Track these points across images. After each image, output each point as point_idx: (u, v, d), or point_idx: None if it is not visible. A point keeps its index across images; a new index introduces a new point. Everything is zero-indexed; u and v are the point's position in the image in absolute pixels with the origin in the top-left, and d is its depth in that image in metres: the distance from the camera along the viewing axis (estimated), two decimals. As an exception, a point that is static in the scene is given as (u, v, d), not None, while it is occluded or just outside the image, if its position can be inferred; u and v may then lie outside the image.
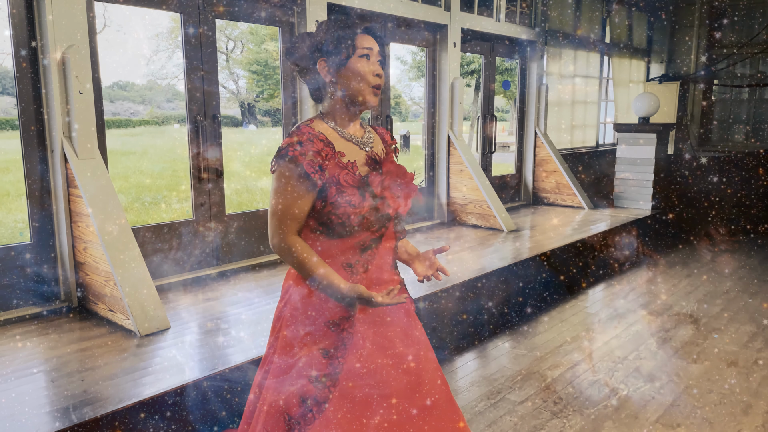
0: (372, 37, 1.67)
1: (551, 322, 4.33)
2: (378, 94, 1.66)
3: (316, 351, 1.58)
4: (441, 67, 6.13)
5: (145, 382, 2.64)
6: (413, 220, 6.19)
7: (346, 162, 1.60)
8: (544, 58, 7.49)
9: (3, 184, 9.86)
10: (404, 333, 1.70)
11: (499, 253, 5.13)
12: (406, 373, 1.64)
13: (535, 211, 7.27)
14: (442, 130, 6.22)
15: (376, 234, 1.63)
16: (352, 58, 1.62)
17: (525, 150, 7.69)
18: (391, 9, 5.33)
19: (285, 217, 1.57)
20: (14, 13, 3.38)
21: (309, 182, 1.54)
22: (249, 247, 4.64)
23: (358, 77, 1.62)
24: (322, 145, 1.57)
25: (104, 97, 4.00)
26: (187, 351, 3.00)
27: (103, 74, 3.88)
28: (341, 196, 1.56)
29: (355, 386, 1.57)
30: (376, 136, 1.77)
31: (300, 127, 1.59)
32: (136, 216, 8.31)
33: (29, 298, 3.54)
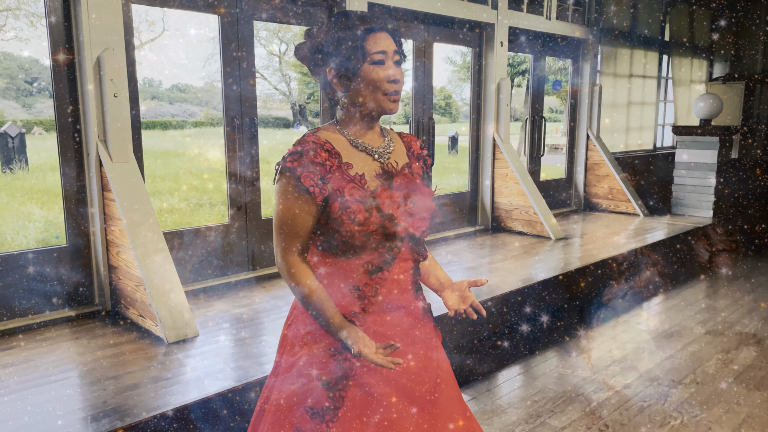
0: (386, 33, 1.45)
1: (599, 338, 4.06)
2: (397, 101, 1.46)
3: (317, 381, 1.44)
4: (487, 67, 5.92)
5: (166, 393, 2.57)
6: (454, 226, 5.99)
7: (354, 174, 1.43)
8: (597, 58, 7.15)
9: (46, 186, 10.18)
10: (424, 367, 1.52)
11: (546, 263, 4.88)
12: (421, 415, 1.47)
13: (585, 217, 6.94)
14: (487, 133, 6.00)
15: (386, 255, 1.46)
16: (363, 66, 1.42)
17: (576, 153, 7.37)
18: (434, 8, 5.16)
19: (284, 233, 1.44)
20: (51, 17, 3.38)
21: (308, 196, 1.39)
22: (285, 252, 4.55)
23: (371, 87, 1.43)
24: (327, 155, 1.42)
25: (164, 99, 4.01)
26: (213, 361, 2.92)
27: (162, 77, 3.88)
28: (345, 211, 1.40)
29: (357, 420, 1.42)
30: (400, 146, 1.58)
31: (305, 136, 1.45)
32: (180, 218, 8.41)
33: (64, 301, 3.55)
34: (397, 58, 1.47)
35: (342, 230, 1.41)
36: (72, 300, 3.57)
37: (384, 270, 1.46)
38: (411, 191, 1.46)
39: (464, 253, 5.19)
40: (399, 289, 1.50)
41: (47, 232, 7.09)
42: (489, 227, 6.13)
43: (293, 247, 1.44)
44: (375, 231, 1.41)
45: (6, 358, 2.94)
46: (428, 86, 5.56)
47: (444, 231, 5.84)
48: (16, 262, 3.40)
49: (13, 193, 9.48)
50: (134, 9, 3.72)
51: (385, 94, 1.44)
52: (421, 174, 1.57)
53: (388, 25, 1.47)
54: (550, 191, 7.12)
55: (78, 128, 3.53)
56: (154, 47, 26.38)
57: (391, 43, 1.45)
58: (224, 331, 3.32)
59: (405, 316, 1.52)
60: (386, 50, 1.43)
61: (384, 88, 1.43)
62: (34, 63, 26.61)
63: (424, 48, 5.46)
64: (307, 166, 1.39)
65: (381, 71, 1.43)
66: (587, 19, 6.96)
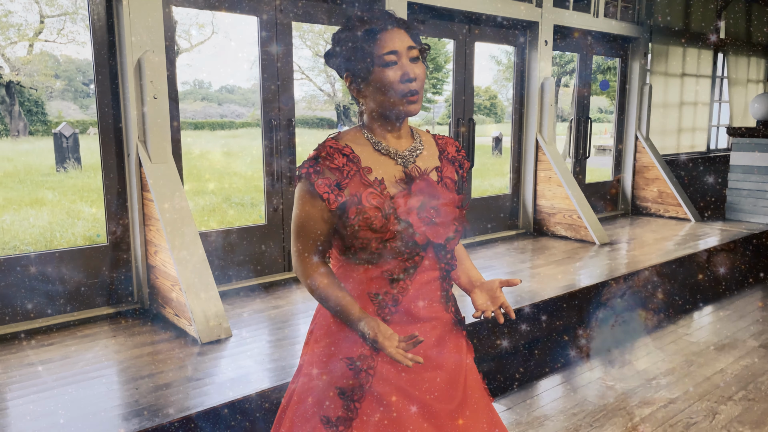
0: (398, 29, 1.37)
1: (645, 350, 3.89)
2: (416, 100, 1.38)
3: (333, 390, 1.40)
4: (530, 67, 5.77)
5: (197, 394, 2.57)
6: (494, 229, 5.86)
7: (372, 179, 1.37)
8: (647, 56, 6.89)
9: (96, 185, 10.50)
10: (450, 384, 1.44)
11: (589, 269, 4.72)
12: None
13: (633, 222, 6.70)
14: (529, 134, 5.85)
15: (407, 264, 1.39)
16: (374, 69, 1.36)
17: (624, 155, 7.12)
18: (477, 6, 5.06)
19: (300, 238, 1.40)
20: (95, 19, 3.45)
21: (322, 203, 1.35)
22: (321, 253, 4.54)
23: (385, 91, 1.36)
24: (345, 160, 1.36)
25: (213, 100, 4.05)
26: (244, 363, 2.91)
27: (212, 78, 3.93)
28: (362, 217, 1.34)
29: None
30: (432, 149, 1.50)
31: (326, 140, 1.41)
32: (221, 217, 8.53)
33: (103, 299, 3.61)
34: (414, 54, 1.38)
35: (360, 236, 1.36)
36: (111, 298, 3.64)
37: (405, 279, 1.40)
38: (433, 197, 1.38)
39: (503, 257, 5.07)
40: (425, 300, 1.43)
41: (94, 230, 7.30)
42: (530, 231, 5.98)
43: (309, 251, 1.41)
44: (393, 238, 1.35)
45: (46, 354, 3.00)
46: (469, 86, 5.46)
47: (483, 234, 5.73)
48: (59, 261, 3.49)
49: (65, 192, 9.83)
50: (175, 11, 3.77)
51: (402, 96, 1.36)
52: (454, 178, 1.50)
53: (399, 20, 1.38)
54: (596, 194, 6.90)
55: (119, 129, 3.59)
56: (204, 49, 26.98)
57: (404, 39, 1.37)
58: (258, 332, 3.32)
59: (432, 328, 1.45)
60: (397, 49, 1.35)
61: (398, 89, 1.36)
62: (90, 65, 27.63)
63: (465, 47, 5.36)
64: (322, 173, 1.35)
65: (393, 73, 1.35)
66: (637, 17, 6.72)
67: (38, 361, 2.91)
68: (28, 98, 22.68)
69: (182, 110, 17.37)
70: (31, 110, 22.96)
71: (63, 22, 21.21)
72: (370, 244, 1.36)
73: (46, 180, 11.01)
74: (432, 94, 26.26)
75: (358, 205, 1.35)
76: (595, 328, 4.18)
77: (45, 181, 10.93)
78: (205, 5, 3.87)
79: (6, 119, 21.77)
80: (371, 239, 1.35)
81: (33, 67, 21.94)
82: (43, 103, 23.30)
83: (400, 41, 1.36)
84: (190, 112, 29.05)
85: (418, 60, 1.38)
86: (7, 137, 21.05)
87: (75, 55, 26.94)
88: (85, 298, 3.55)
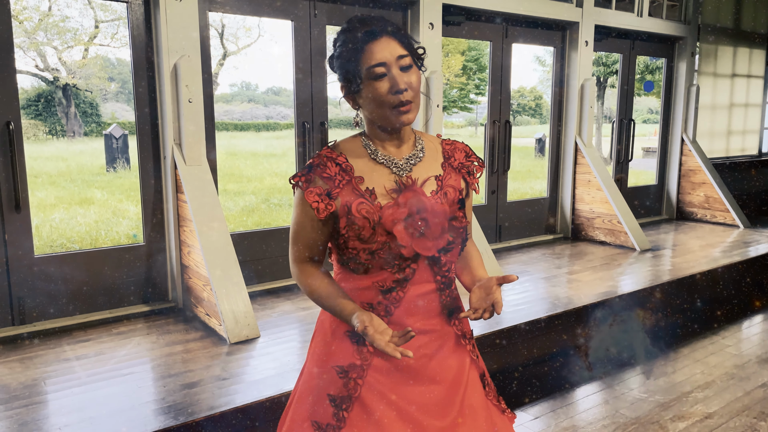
0: (387, 37, 1.32)
1: (684, 361, 3.75)
2: (409, 109, 1.32)
3: (325, 396, 1.40)
4: (570, 68, 5.65)
5: (222, 394, 2.61)
6: (530, 234, 5.76)
7: (364, 189, 1.35)
8: (695, 56, 6.66)
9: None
10: (445, 399, 1.40)
11: (627, 276, 4.59)
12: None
13: (678, 227, 6.48)
14: (568, 136, 5.73)
15: (397, 276, 1.36)
16: (364, 83, 1.32)
17: (669, 158, 6.89)
18: (514, 7, 4.98)
19: (296, 244, 1.42)
20: (134, 25, 3.55)
21: (312, 212, 1.35)
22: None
23: (376, 103, 1.33)
24: (338, 169, 1.35)
25: (259, 102, 4.12)
26: (270, 364, 2.95)
27: (259, 80, 4.02)
28: (351, 227, 1.33)
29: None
30: (436, 155, 1.45)
31: (323, 149, 1.41)
32: (259, 218, 8.66)
33: (139, 297, 3.71)
34: (405, 62, 1.33)
35: (349, 246, 1.36)
36: (147, 296, 3.74)
37: (398, 290, 1.37)
38: (422, 209, 1.33)
39: (539, 263, 4.97)
40: (421, 312, 1.40)
41: (137, 229, 7.53)
42: (568, 235, 5.85)
43: (303, 256, 1.42)
44: (380, 249, 1.33)
45: (82, 350, 3.11)
46: (506, 88, 5.38)
47: (519, 238, 5.64)
48: (100, 259, 3.60)
49: (112, 191, 10.17)
50: (212, 17, 3.84)
51: (393, 108, 1.32)
52: (458, 187, 1.44)
53: (388, 27, 1.33)
54: (640, 199, 6.70)
55: (156, 132, 3.68)
56: (250, 52, 27.48)
57: (394, 47, 1.32)
58: (285, 333, 3.35)
59: (430, 341, 1.41)
60: (386, 60, 1.31)
61: (389, 101, 1.32)
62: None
63: (501, 49, 5.29)
64: (314, 181, 1.35)
65: (382, 85, 1.31)
66: (683, 16, 6.49)
67: (74, 356, 3.02)
68: (84, 100, 23.54)
69: (229, 111, 17.73)
70: (86, 112, 23.84)
71: (117, 26, 21.93)
72: (359, 254, 1.35)
73: (95, 179, 11.41)
74: (475, 95, 26.04)
75: (348, 215, 1.34)
76: (631, 337, 4.06)
77: (95, 180, 11.33)
78: (240, 10, 3.93)
79: (63, 120, 22.69)
80: (359, 250, 1.34)
81: (88, 70, 22.78)
82: (97, 105, 24.15)
83: (389, 51, 1.32)
84: (237, 114, 29.61)
85: (410, 68, 1.34)
86: (63, 138, 21.95)
87: (128, 58, 27.90)
88: (122, 296, 3.66)
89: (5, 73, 3.20)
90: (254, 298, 3.90)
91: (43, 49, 21.47)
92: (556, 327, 3.70)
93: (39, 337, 3.26)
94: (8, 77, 3.21)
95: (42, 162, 13.61)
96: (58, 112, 22.69)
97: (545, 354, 3.68)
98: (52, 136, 22.22)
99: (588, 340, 3.89)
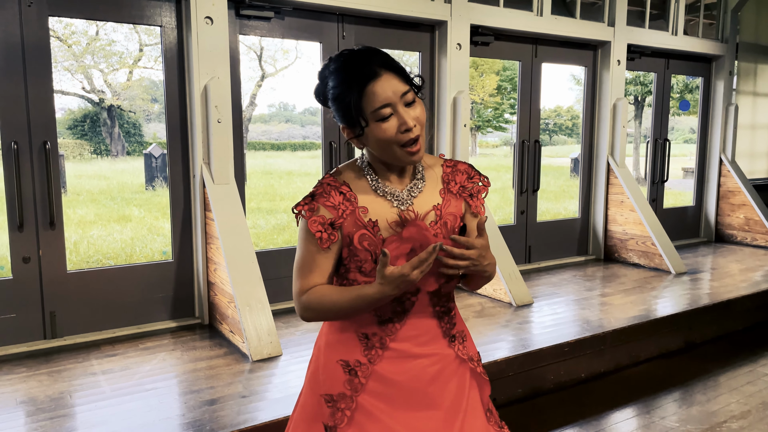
0: (387, 74, 1.27)
1: (718, 389, 3.60)
2: (417, 148, 1.29)
3: (320, 423, 1.39)
4: (601, 87, 5.58)
5: (241, 412, 2.62)
6: (561, 255, 5.66)
7: (367, 220, 1.32)
8: (733, 75, 6.50)
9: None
10: (444, 424, 1.36)
11: (660, 300, 4.45)
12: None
13: (716, 250, 6.28)
14: (600, 156, 5.64)
15: (397, 308, 1.35)
16: (369, 127, 1.28)
17: (707, 179, 6.71)
18: (544, 27, 4.96)
19: (301, 275, 1.38)
20: (166, 48, 3.66)
21: (316, 241, 1.32)
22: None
23: (383, 143, 1.29)
24: (341, 198, 1.32)
25: (296, 122, 4.20)
26: (291, 383, 2.95)
27: (296, 102, 4.10)
28: (352, 259, 1.32)
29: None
30: (435, 184, 1.40)
31: (324, 177, 1.39)
32: (289, 235, 8.75)
33: (167, 313, 3.78)
34: (409, 98, 1.28)
35: (350, 278, 1.34)
36: (175, 312, 3.80)
37: (395, 321, 1.36)
38: (423, 245, 1.29)
39: (570, 284, 4.88)
40: (420, 338, 1.38)
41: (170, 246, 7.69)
42: (601, 257, 5.73)
43: (307, 286, 1.37)
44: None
45: (108, 364, 3.17)
46: (535, 108, 5.34)
47: (550, 259, 5.54)
48: (130, 275, 3.68)
49: (150, 209, 10.42)
50: (248, 40, 3.93)
51: (402, 146, 1.29)
52: (458, 213, 1.40)
53: (386, 63, 1.28)
54: (677, 220, 6.53)
55: (186, 151, 3.77)
56: (288, 74, 28.04)
57: (395, 84, 1.27)
58: (307, 352, 3.34)
59: (431, 364, 1.38)
60: (390, 100, 1.26)
61: (397, 140, 1.28)
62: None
63: (531, 68, 5.26)
64: (317, 210, 1.32)
65: (389, 126, 1.27)
66: (721, 34, 6.36)
67: (100, 371, 3.07)
68: (127, 121, 24.31)
69: (267, 131, 18.01)
70: (129, 132, 24.61)
71: (160, 49, 22.70)
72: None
73: (134, 197, 11.73)
74: (510, 115, 25.91)
75: (350, 246, 1.32)
76: (662, 364, 3.93)
77: (134, 198, 11.64)
78: (271, 33, 4.01)
79: (107, 140, 23.47)
80: (360, 282, 1.33)
81: (132, 92, 23.53)
82: (140, 126, 24.89)
83: (392, 90, 1.27)
84: (275, 134, 30.09)
85: (414, 102, 1.30)
86: (107, 157, 22.69)
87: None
88: (151, 312, 3.73)
89: (44, 96, 3.33)
90: (280, 316, 3.93)
91: (89, 72, 22.33)
92: (584, 349, 3.61)
93: (69, 351, 3.34)
94: (47, 100, 3.34)
95: (85, 180, 14.07)
96: (103, 133, 23.48)
97: (576, 377, 3.58)
98: (97, 156, 22.99)
99: (617, 365, 3.78)
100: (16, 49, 3.23)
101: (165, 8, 3.63)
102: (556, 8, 5.32)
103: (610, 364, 3.75)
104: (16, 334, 3.35)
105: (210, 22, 3.57)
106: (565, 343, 3.53)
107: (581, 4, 5.26)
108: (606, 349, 3.72)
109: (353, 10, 4.13)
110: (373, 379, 1.36)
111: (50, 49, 3.31)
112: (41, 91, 3.32)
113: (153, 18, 3.61)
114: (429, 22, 4.51)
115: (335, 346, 1.39)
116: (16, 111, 3.26)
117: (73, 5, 3.38)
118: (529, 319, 3.96)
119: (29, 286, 3.38)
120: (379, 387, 1.35)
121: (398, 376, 1.35)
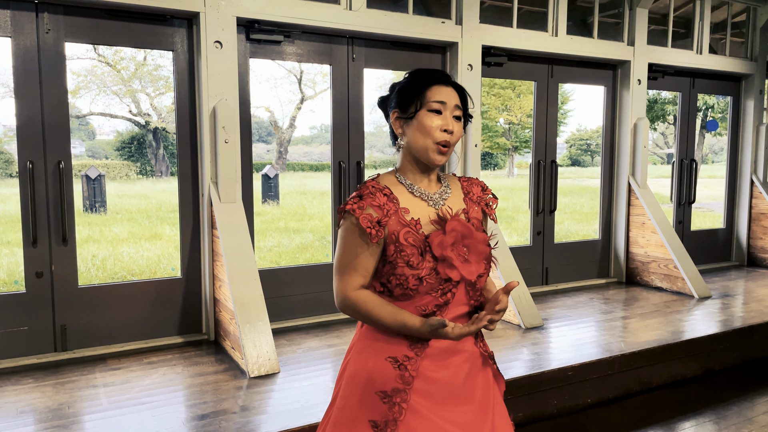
0: (452, 89, 1.53)
1: (733, 418, 3.44)
2: (445, 152, 1.51)
3: (366, 423, 1.48)
4: (621, 107, 5.49)
5: (230, 428, 2.64)
6: (581, 277, 5.54)
7: (409, 219, 1.49)
8: (763, 94, 6.30)
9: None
10: (479, 416, 1.51)
11: (679, 325, 4.30)
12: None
13: (747, 275, 6.04)
14: (621, 177, 5.53)
15: (440, 300, 1.49)
16: (421, 111, 1.51)
17: (738, 201, 6.48)
18: (560, 48, 4.93)
19: (345, 272, 1.50)
20: (178, 70, 3.79)
21: (366, 237, 1.46)
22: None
23: (423, 132, 1.50)
24: (386, 199, 1.49)
25: (326, 143, 4.29)
26: (288, 400, 2.96)
27: (326, 122, 4.24)
28: (399, 255, 1.46)
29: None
30: (458, 191, 1.62)
31: (367, 181, 1.54)
32: (311, 254, 8.82)
33: (175, 328, 3.85)
34: (458, 113, 1.52)
35: (397, 273, 1.46)
36: (183, 328, 3.87)
37: (438, 314, 1.49)
38: (466, 236, 1.47)
39: (585, 307, 4.76)
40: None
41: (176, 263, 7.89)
42: (623, 280, 5.58)
43: (355, 284, 1.50)
44: (428, 275, 1.45)
45: (111, 377, 3.25)
46: (552, 128, 5.29)
47: (568, 281, 5.43)
48: (140, 291, 3.78)
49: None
50: (251, 63, 4.04)
51: (436, 143, 1.49)
52: (479, 218, 1.60)
53: (457, 84, 1.55)
54: (707, 243, 6.32)
55: (195, 171, 3.87)
56: (326, 96, 28.63)
57: (453, 96, 1.52)
58: (305, 370, 3.36)
59: (464, 361, 1.53)
60: (446, 101, 1.50)
61: (435, 136, 1.49)
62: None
63: (547, 89, 5.22)
64: (365, 209, 1.46)
65: (436, 119, 1.50)
66: (749, 52, 6.19)
67: (102, 384, 3.16)
68: (172, 142, 25.09)
69: (308, 153, 18.43)
70: (174, 153, 25.37)
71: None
72: (408, 280, 1.45)
73: (168, 216, 12.05)
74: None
75: (396, 243, 1.46)
76: (675, 392, 3.78)
77: (168, 217, 11.96)
78: (281, 56, 4.11)
79: (152, 161, 24.27)
80: (408, 276, 1.45)
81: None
82: (183, 147, 25.62)
83: (451, 97, 1.52)
84: (316, 155, 30.48)
85: (459, 120, 1.53)
86: (151, 177, 23.44)
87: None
88: (159, 327, 3.81)
89: (61, 120, 3.49)
90: (285, 333, 3.96)
91: (137, 96, 23.21)
92: (602, 370, 3.51)
93: (76, 364, 3.44)
94: (63, 124, 3.50)
95: (126, 199, 14.54)
96: (148, 154, 24.30)
97: (581, 403, 3.48)
98: (142, 176, 23.78)
99: (626, 390, 3.66)
100: (33, 74, 3.40)
101: (177, 34, 3.76)
102: (576, 27, 5.29)
103: (618, 390, 3.64)
104: (27, 347, 3.47)
105: (219, 46, 3.68)
106: (569, 367, 3.44)
107: (600, 23, 5.21)
108: (614, 375, 3.61)
109: (363, 33, 4.20)
110: (418, 377, 1.48)
111: (66, 73, 3.47)
112: (56, 113, 3.48)
113: (165, 43, 3.75)
114: (440, 44, 4.54)
115: (380, 345, 1.52)
116: (33, 132, 3.43)
117: (89, 31, 3.55)
118: (537, 341, 3.88)
119: (41, 300, 3.51)
120: (423, 385, 1.48)
121: (438, 374, 1.49)
